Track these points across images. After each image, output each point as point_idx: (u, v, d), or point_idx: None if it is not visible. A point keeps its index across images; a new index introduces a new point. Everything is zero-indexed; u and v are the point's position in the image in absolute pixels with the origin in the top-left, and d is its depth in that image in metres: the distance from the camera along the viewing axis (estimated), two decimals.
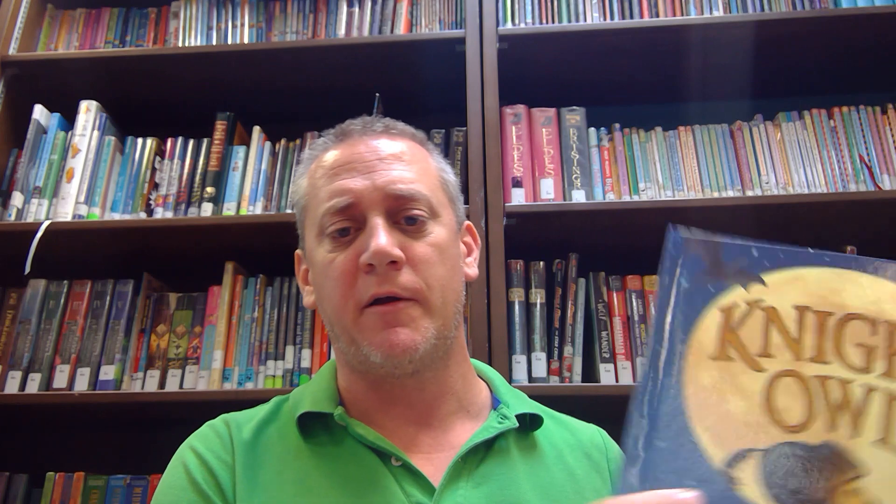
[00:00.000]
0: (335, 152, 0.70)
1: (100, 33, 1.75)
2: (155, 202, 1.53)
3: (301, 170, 0.75)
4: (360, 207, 0.65)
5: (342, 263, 0.65)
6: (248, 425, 0.69)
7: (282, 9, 1.73)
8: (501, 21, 1.57)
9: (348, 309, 0.65)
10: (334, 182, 0.67)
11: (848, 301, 0.42)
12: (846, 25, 1.48)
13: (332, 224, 0.66)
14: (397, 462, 0.64)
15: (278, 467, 0.65)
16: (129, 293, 1.46)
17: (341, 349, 0.68)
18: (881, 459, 0.38)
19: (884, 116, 1.48)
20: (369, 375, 0.68)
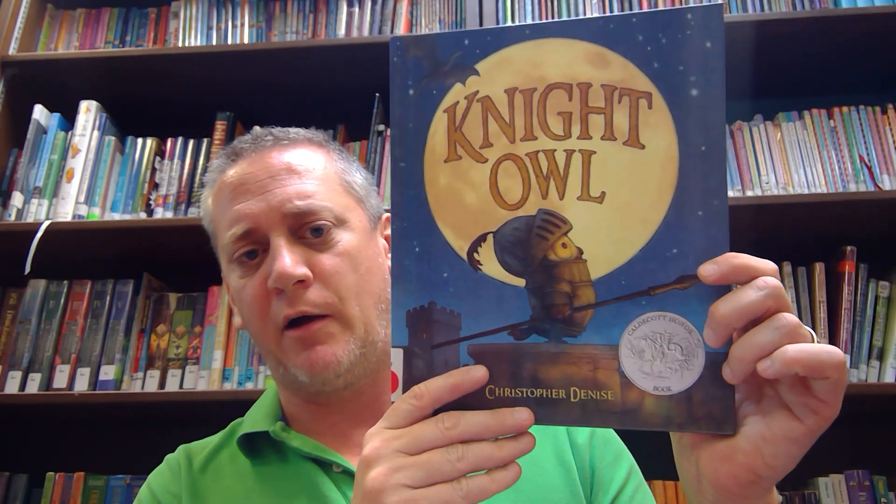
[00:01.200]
0: (231, 172, 0.69)
1: (100, 33, 1.75)
2: (155, 202, 1.53)
3: (206, 192, 0.74)
4: (260, 231, 0.64)
5: (253, 289, 0.65)
6: (201, 454, 0.71)
7: (282, 9, 1.73)
8: (501, 21, 1.57)
9: (268, 333, 0.65)
10: (231, 208, 0.66)
11: (547, 72, 0.44)
12: (846, 25, 1.48)
13: (236, 250, 0.66)
14: (338, 469, 0.64)
15: (226, 494, 0.66)
16: (129, 293, 1.46)
17: (272, 368, 0.69)
18: (582, 210, 0.43)
19: (884, 116, 1.48)
20: (302, 391, 0.68)
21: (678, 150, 0.42)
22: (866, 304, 1.36)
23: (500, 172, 0.44)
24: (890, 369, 1.31)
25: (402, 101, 0.46)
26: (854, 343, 1.33)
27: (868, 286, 1.37)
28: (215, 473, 0.69)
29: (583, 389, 0.43)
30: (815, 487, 1.27)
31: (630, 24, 0.43)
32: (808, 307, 1.36)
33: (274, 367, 0.67)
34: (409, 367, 0.45)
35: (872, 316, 1.35)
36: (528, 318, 0.44)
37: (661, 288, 0.42)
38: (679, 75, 0.42)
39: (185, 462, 0.70)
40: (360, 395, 0.68)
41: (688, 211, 0.42)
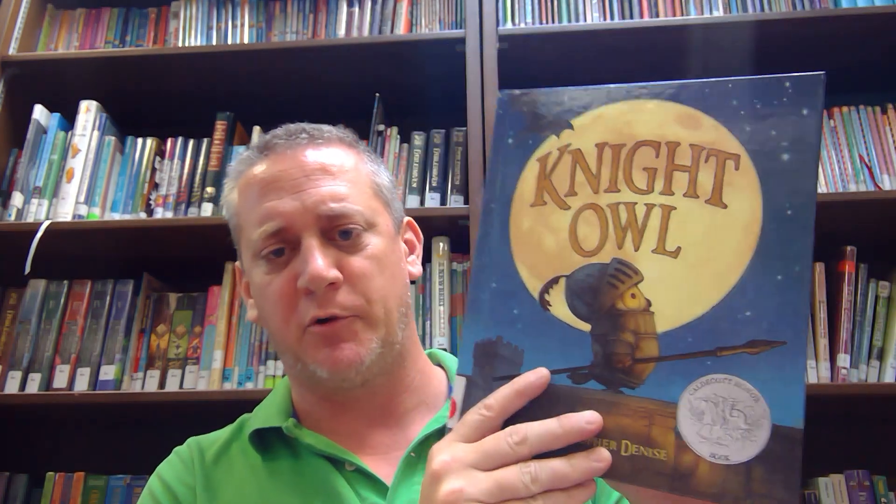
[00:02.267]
0: (262, 168, 0.68)
1: (100, 33, 1.75)
2: (155, 202, 1.53)
3: (230, 184, 0.72)
4: (293, 230, 0.64)
5: (280, 287, 0.64)
6: (213, 447, 0.70)
7: (282, 9, 1.73)
8: (501, 21, 1.57)
9: (290, 330, 0.65)
10: (263, 204, 0.65)
11: (637, 130, 0.46)
12: (846, 25, 1.48)
13: (265, 248, 0.65)
14: (351, 467, 0.64)
15: (238, 487, 0.66)
16: (129, 293, 1.46)
17: (288, 365, 0.68)
18: (656, 263, 0.43)
19: (884, 116, 1.49)
20: (319, 388, 0.68)
21: (762, 213, 0.42)
22: (866, 304, 1.36)
23: (581, 220, 0.46)
24: (890, 369, 1.31)
25: (500, 149, 0.49)
26: (854, 343, 1.33)
27: (868, 286, 1.37)
28: (228, 466, 0.68)
29: (635, 444, 0.42)
30: (815, 487, 1.27)
31: (726, 90, 0.44)
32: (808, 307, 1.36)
33: (291, 364, 0.67)
34: (469, 396, 0.46)
35: (872, 316, 1.35)
36: (588, 364, 0.44)
37: (730, 350, 0.41)
38: (770, 140, 0.42)
39: (198, 454, 0.70)
40: (375, 395, 0.68)
41: (766, 274, 0.41)
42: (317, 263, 0.62)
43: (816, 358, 1.32)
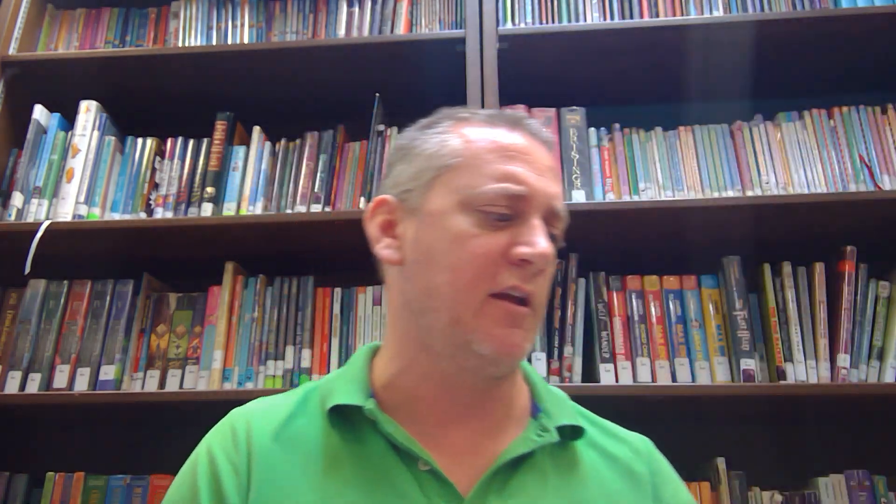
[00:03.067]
0: (509, 135, 0.67)
1: (100, 33, 1.75)
2: (155, 202, 1.53)
3: (445, 127, 0.69)
4: (528, 204, 0.63)
5: (490, 245, 0.62)
6: (274, 421, 0.67)
7: (282, 9, 1.73)
8: (501, 21, 1.57)
9: (476, 292, 0.61)
10: (510, 165, 0.64)
11: None
12: (846, 25, 1.48)
13: (494, 205, 0.63)
14: (424, 466, 0.61)
15: (302, 466, 0.63)
16: (129, 293, 1.46)
17: (427, 326, 0.64)
18: None
19: (884, 116, 1.48)
20: (442, 361, 0.64)
21: None
22: (866, 304, 1.35)
23: None
24: (890, 369, 1.31)
25: None
26: (854, 343, 1.33)
27: (868, 286, 1.36)
28: (291, 444, 0.65)
29: None
30: (815, 487, 1.27)
31: None
32: (808, 307, 1.36)
33: (441, 326, 0.63)
34: None
35: (872, 316, 1.35)
36: None
37: None
38: None
39: (257, 430, 0.66)
40: (491, 395, 0.66)
41: None
42: (546, 242, 0.62)
43: (816, 358, 1.32)
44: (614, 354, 1.36)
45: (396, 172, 0.71)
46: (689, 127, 1.53)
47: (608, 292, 1.40)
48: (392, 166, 0.73)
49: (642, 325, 1.38)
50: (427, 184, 0.67)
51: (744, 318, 1.34)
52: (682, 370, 1.34)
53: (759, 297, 1.40)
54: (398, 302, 0.68)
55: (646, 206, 1.39)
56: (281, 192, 1.53)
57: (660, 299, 1.39)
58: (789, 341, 1.34)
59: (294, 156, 1.56)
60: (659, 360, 1.35)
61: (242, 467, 0.63)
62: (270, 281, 1.48)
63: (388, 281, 0.71)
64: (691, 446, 1.44)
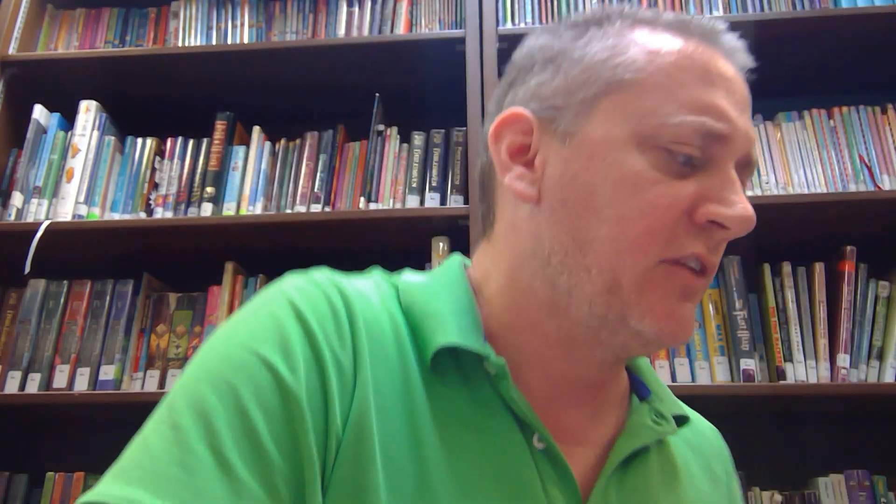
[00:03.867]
0: (709, 53, 0.50)
1: (100, 33, 1.75)
2: (155, 202, 1.53)
3: (620, 28, 0.52)
4: (726, 148, 0.49)
5: (676, 197, 0.48)
6: (364, 316, 0.49)
7: (282, 9, 1.73)
8: (501, 21, 1.57)
9: (646, 254, 0.48)
10: (712, 94, 0.48)
11: None
12: (846, 25, 1.48)
13: (685, 144, 0.48)
14: (541, 444, 0.49)
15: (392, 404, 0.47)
16: (129, 293, 1.47)
17: (567, 287, 0.50)
18: None
19: (884, 116, 1.48)
20: (577, 330, 0.51)
21: None
22: (866, 304, 1.36)
23: None
24: (890, 369, 1.31)
25: None
26: (854, 343, 1.33)
27: (868, 286, 1.37)
28: (384, 363, 0.48)
29: None
30: (815, 487, 1.27)
31: None
32: (808, 307, 1.36)
33: (592, 290, 0.49)
34: None
35: (872, 316, 1.35)
36: None
37: None
38: None
39: (357, 319, 0.49)
40: (612, 374, 0.55)
41: None
42: (749, 205, 0.48)
43: (816, 358, 1.33)
44: None
45: (537, 82, 0.53)
46: None
47: None
48: (527, 72, 0.54)
49: None
50: (588, 102, 0.51)
51: (744, 318, 1.34)
52: (682, 370, 1.34)
53: (758, 297, 1.40)
54: (524, 249, 0.52)
55: None
56: (281, 192, 1.53)
57: None
58: (789, 341, 1.34)
59: (294, 156, 1.56)
60: (659, 360, 1.35)
61: (348, 369, 0.46)
62: (270, 281, 1.47)
63: (506, 219, 0.55)
64: None
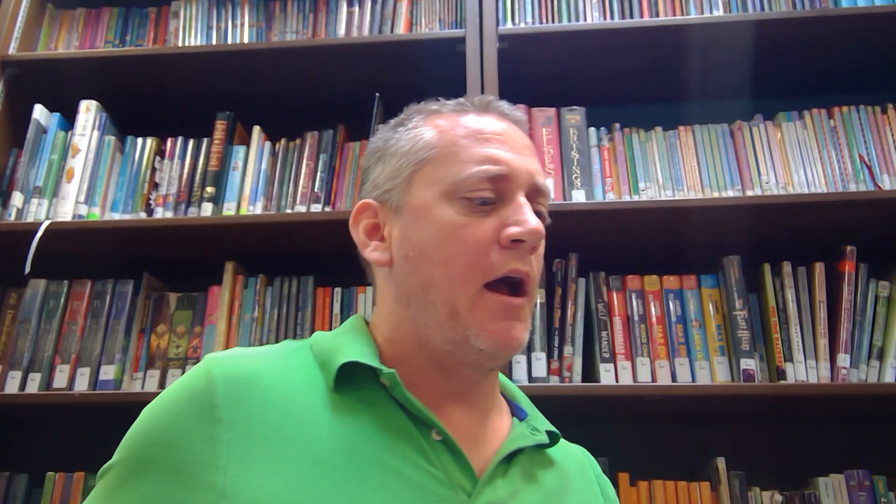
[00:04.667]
0: (481, 119, 0.66)
1: (100, 33, 1.75)
2: (155, 202, 1.53)
3: (416, 122, 0.69)
4: (511, 183, 0.63)
5: (482, 233, 0.61)
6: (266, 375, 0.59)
7: (282, 9, 1.73)
8: (501, 21, 1.57)
9: (472, 281, 0.61)
10: (487, 148, 0.63)
11: None
12: (846, 25, 1.48)
13: (477, 190, 0.62)
14: (438, 436, 0.60)
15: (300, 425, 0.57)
16: (129, 293, 1.46)
17: (423, 322, 0.62)
18: None
19: (884, 116, 1.48)
20: (440, 356, 0.63)
21: None
22: (866, 304, 1.35)
23: None
24: (890, 369, 1.31)
25: None
26: (854, 343, 1.33)
27: (868, 286, 1.36)
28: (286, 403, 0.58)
29: None
30: (815, 487, 1.27)
31: None
32: (808, 307, 1.36)
33: (438, 319, 0.61)
34: None
35: (872, 316, 1.35)
36: None
37: None
38: None
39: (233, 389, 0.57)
40: (484, 382, 0.66)
41: None
42: (535, 219, 0.61)
43: (817, 358, 1.32)
44: (614, 354, 1.36)
45: (374, 175, 0.69)
46: (689, 127, 1.53)
47: (608, 292, 1.40)
48: (369, 170, 0.71)
49: (642, 324, 1.38)
50: (406, 180, 0.66)
51: (744, 318, 1.34)
52: (682, 370, 1.34)
53: (759, 297, 1.40)
54: (391, 299, 0.66)
55: (646, 205, 1.39)
56: (281, 191, 1.53)
57: (660, 299, 1.39)
58: (789, 341, 1.34)
59: (294, 155, 1.56)
60: (659, 360, 1.35)
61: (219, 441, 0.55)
62: (270, 281, 1.48)
63: (378, 282, 0.70)
64: (691, 446, 1.44)
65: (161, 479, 0.55)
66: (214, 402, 0.56)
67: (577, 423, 1.50)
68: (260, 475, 0.53)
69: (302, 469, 0.54)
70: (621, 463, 1.31)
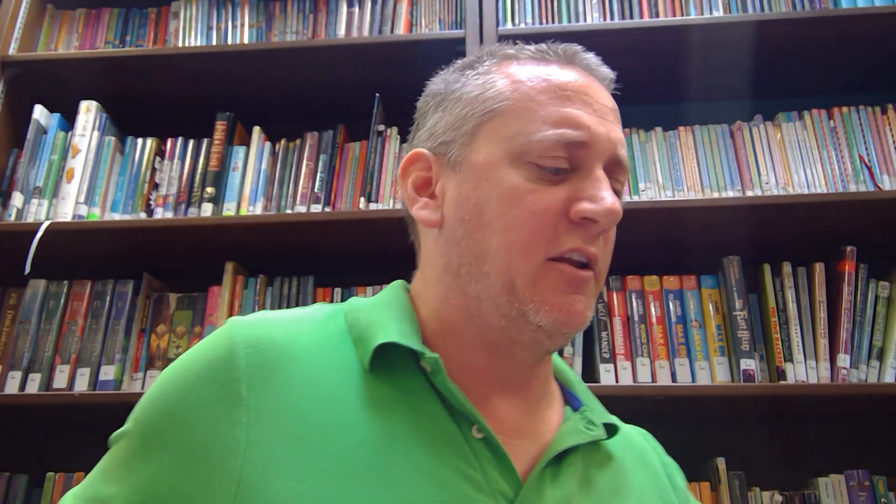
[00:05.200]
0: (563, 72, 0.59)
1: (100, 33, 1.75)
2: (155, 202, 1.53)
3: (488, 66, 0.61)
4: (590, 152, 0.56)
5: (549, 202, 0.54)
6: (293, 348, 0.54)
7: (282, 9, 1.73)
8: (501, 21, 1.57)
9: (533, 255, 0.54)
10: (567, 107, 0.56)
11: None
12: (846, 25, 1.48)
13: (550, 157, 0.55)
14: (479, 434, 0.53)
15: (329, 412, 0.52)
16: (129, 293, 1.47)
17: (476, 294, 0.56)
18: None
19: (884, 116, 1.48)
20: (492, 333, 0.56)
21: None
22: (866, 304, 1.36)
23: None
24: (890, 369, 1.31)
25: None
26: (854, 343, 1.33)
27: (868, 286, 1.37)
28: (322, 375, 0.53)
29: None
30: (815, 487, 1.27)
31: None
32: (808, 307, 1.36)
33: (493, 293, 0.55)
34: None
35: (872, 316, 1.35)
36: None
37: None
38: None
39: (263, 357, 0.53)
40: (538, 368, 0.60)
41: None
42: (614, 198, 0.55)
43: (816, 358, 1.32)
44: (614, 354, 1.36)
45: (431, 123, 0.62)
46: (688, 127, 1.53)
47: (608, 292, 1.40)
48: (424, 116, 0.64)
49: (642, 325, 1.38)
50: (470, 133, 0.59)
51: (744, 318, 1.34)
52: (682, 370, 1.34)
53: (759, 298, 1.40)
54: (438, 266, 0.60)
55: (645, 206, 1.39)
56: (281, 192, 1.53)
57: (660, 299, 1.39)
58: (789, 341, 1.34)
59: (294, 156, 1.56)
60: (659, 361, 1.35)
61: (234, 419, 0.50)
62: (270, 281, 1.48)
63: (424, 244, 0.63)
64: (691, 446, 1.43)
65: (176, 461, 0.50)
66: (235, 374, 0.51)
67: None
68: (279, 471, 0.48)
69: (328, 468, 0.49)
70: None
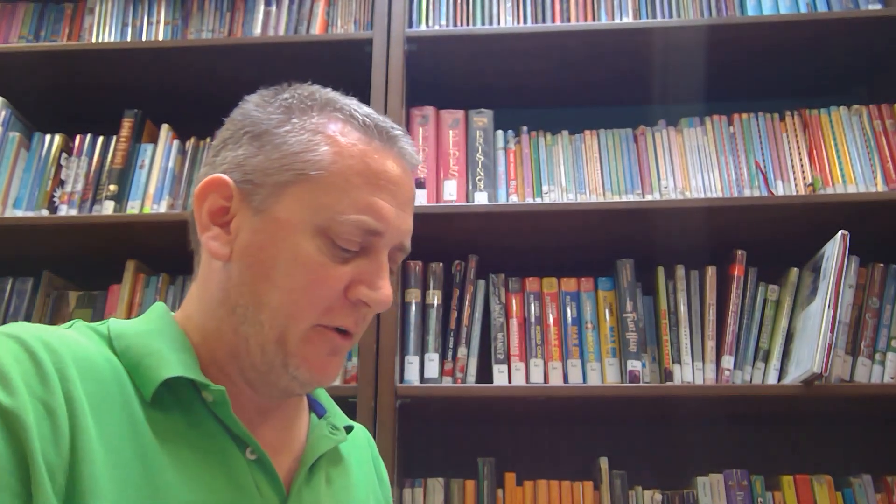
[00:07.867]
0: (382, 156, 0.61)
1: (14, 28, 1.73)
2: (59, 199, 1.52)
3: (316, 122, 0.61)
4: (381, 240, 0.61)
5: (335, 280, 0.59)
6: (74, 366, 0.52)
7: (199, 6, 1.72)
8: (416, 22, 1.58)
9: (308, 319, 0.59)
10: (375, 197, 0.60)
11: None
12: (750, 33, 1.50)
13: (348, 238, 0.59)
14: (252, 455, 0.58)
15: (117, 440, 0.52)
16: (28, 291, 1.46)
17: (245, 335, 0.59)
18: None
19: (781, 123, 1.51)
20: (253, 373, 0.61)
21: None
22: (754, 308, 1.38)
23: None
24: (773, 370, 1.34)
25: None
26: (740, 345, 1.36)
27: (757, 289, 1.39)
28: (107, 399, 0.53)
29: None
30: (695, 487, 1.30)
31: None
32: (699, 310, 1.39)
33: (263, 344, 0.59)
34: None
35: (760, 319, 1.38)
36: None
37: None
38: None
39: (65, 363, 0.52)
40: (289, 400, 0.67)
41: None
42: (389, 290, 0.61)
43: (704, 360, 1.35)
44: (509, 356, 1.37)
45: (242, 154, 0.61)
46: (594, 131, 1.55)
47: (506, 294, 1.42)
48: (237, 142, 0.62)
49: (538, 326, 1.40)
50: (280, 186, 0.59)
51: (633, 321, 1.36)
52: (574, 371, 1.36)
53: (653, 300, 1.43)
54: (216, 297, 0.61)
55: (545, 208, 1.40)
56: (189, 190, 1.53)
57: (556, 301, 1.41)
58: (678, 343, 1.36)
59: (203, 154, 1.56)
60: (552, 362, 1.37)
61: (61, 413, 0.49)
62: (173, 279, 1.47)
63: (204, 264, 0.63)
64: (577, 446, 1.46)
65: None
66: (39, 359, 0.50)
67: (468, 424, 1.52)
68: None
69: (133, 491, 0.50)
70: (509, 463, 1.33)
